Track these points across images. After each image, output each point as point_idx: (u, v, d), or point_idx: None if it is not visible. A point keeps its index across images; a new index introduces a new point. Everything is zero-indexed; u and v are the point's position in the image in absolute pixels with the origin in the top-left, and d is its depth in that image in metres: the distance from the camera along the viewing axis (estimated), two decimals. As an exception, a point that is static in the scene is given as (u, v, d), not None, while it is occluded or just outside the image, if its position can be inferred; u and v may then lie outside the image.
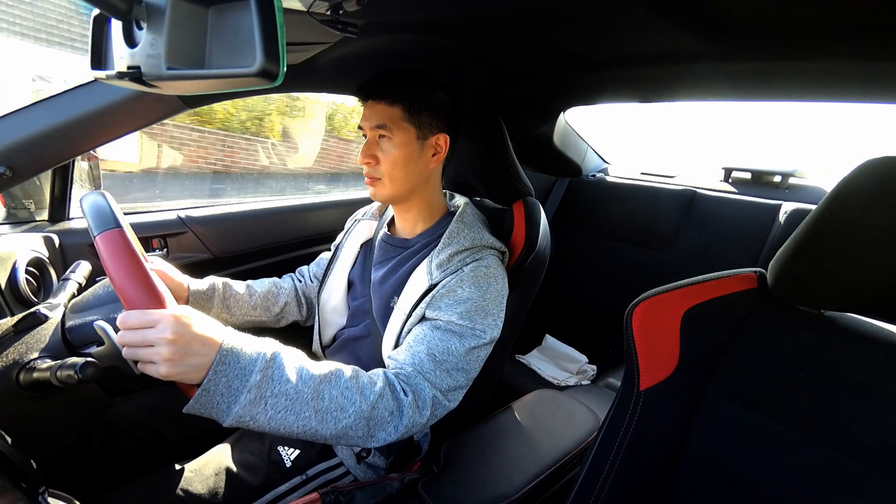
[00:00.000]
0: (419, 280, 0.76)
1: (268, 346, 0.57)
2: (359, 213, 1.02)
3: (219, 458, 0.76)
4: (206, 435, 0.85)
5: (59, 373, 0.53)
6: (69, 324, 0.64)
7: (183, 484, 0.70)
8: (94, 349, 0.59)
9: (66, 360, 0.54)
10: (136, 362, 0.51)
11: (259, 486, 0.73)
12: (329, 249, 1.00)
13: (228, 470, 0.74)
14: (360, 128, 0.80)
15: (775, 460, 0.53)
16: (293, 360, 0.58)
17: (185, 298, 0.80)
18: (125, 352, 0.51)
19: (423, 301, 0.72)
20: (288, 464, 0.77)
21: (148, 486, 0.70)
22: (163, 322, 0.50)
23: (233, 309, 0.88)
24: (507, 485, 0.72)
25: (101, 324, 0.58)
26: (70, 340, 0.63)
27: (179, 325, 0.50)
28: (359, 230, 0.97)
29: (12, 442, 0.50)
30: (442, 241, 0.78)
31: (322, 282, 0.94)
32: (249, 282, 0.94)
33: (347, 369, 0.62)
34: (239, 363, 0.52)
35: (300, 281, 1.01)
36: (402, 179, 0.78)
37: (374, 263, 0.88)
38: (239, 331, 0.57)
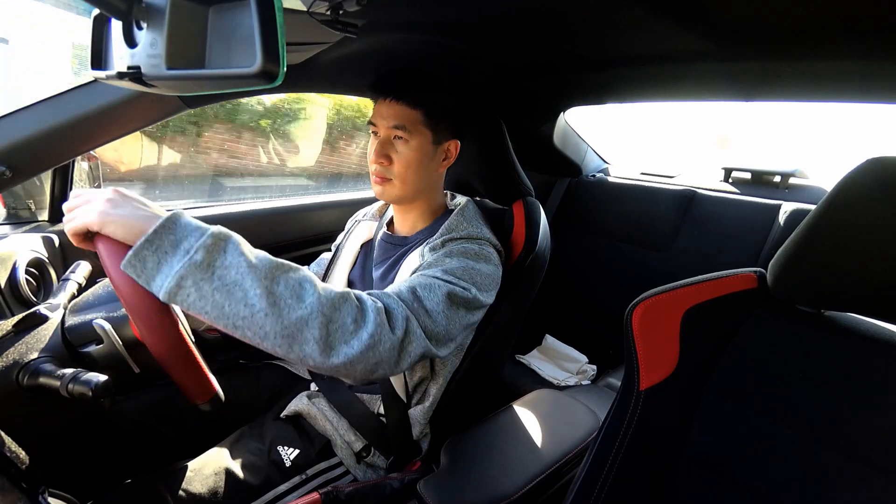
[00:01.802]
0: (412, 263, 0.75)
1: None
2: (359, 214, 1.02)
3: (218, 457, 0.76)
4: (205, 434, 0.85)
5: (71, 387, 0.52)
6: (69, 324, 0.64)
7: (183, 483, 0.70)
8: (93, 348, 0.59)
9: (79, 373, 0.53)
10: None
11: (259, 486, 0.73)
12: (329, 249, 1.00)
13: (228, 469, 0.74)
14: (370, 123, 0.79)
15: (775, 460, 0.53)
16: (248, 245, 0.52)
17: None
18: (66, 224, 0.52)
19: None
20: (287, 463, 0.77)
21: (147, 485, 0.70)
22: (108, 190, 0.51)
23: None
24: (508, 484, 0.72)
25: (101, 322, 0.58)
26: (70, 340, 0.62)
27: (124, 192, 0.52)
28: (359, 231, 0.97)
29: (12, 442, 0.50)
30: (440, 230, 0.78)
31: (322, 282, 0.94)
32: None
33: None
34: (190, 224, 0.49)
35: (300, 281, 1.01)
36: (413, 182, 0.79)
37: (375, 263, 0.88)
38: None
